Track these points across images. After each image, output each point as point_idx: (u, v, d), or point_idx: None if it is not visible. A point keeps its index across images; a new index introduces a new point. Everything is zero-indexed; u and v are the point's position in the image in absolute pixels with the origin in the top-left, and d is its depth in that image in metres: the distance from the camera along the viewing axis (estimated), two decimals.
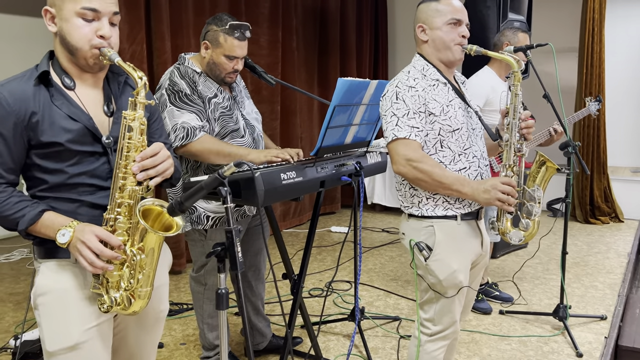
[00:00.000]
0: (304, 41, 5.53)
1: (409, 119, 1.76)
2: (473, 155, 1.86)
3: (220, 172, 1.25)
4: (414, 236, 1.86)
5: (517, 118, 1.84)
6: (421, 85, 1.81)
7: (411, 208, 1.87)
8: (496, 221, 1.88)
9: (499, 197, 1.71)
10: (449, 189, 1.75)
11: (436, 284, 1.84)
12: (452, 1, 1.84)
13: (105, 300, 1.37)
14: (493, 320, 3.11)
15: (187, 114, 2.11)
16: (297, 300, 2.39)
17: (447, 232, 1.82)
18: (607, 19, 5.29)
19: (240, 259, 1.19)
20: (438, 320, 1.88)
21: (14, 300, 3.51)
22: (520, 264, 4.03)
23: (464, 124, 1.84)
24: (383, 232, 5.23)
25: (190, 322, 3.13)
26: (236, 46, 2.18)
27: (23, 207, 1.33)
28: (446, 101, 1.83)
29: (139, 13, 3.66)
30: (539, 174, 1.89)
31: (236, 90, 2.36)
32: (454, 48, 1.83)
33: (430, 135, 1.81)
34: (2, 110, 1.31)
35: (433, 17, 1.83)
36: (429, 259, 1.82)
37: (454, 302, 1.86)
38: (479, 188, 1.73)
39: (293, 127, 5.40)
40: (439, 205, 1.82)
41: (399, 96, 1.79)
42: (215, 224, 2.25)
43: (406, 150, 1.75)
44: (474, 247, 1.90)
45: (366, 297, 3.51)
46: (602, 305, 3.30)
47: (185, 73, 2.19)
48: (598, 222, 5.35)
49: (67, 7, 1.34)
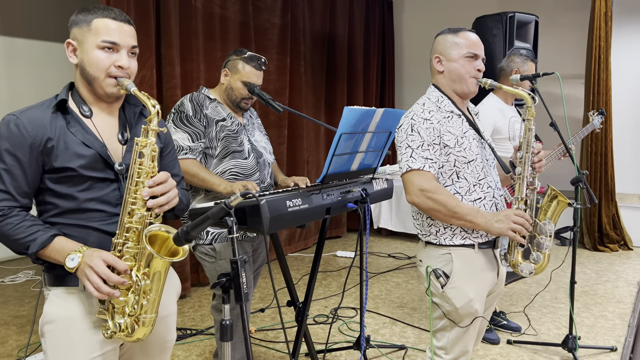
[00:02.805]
0: (312, 67, 5.59)
1: (423, 150, 1.80)
2: (488, 186, 1.87)
3: (227, 202, 1.25)
4: (431, 263, 1.87)
5: (530, 152, 1.86)
6: (436, 118, 1.84)
7: (429, 236, 1.88)
8: (507, 253, 1.88)
9: (512, 227, 1.72)
10: (462, 219, 1.77)
11: (452, 312, 1.83)
12: (469, 35, 1.88)
13: (110, 326, 1.37)
14: (501, 351, 3.05)
15: (180, 133, 2.23)
16: (301, 329, 2.36)
17: (465, 260, 1.83)
18: (614, 46, 5.32)
19: (245, 289, 1.19)
20: (450, 349, 1.87)
21: (18, 323, 3.49)
22: (528, 291, 3.97)
23: (478, 155, 1.87)
24: (389, 257, 5.19)
25: (194, 348, 3.10)
26: (253, 74, 2.34)
27: (35, 231, 1.35)
28: (460, 133, 1.85)
29: (149, 39, 3.72)
30: (550, 208, 1.89)
31: (248, 120, 2.48)
32: (469, 81, 1.87)
33: (446, 167, 1.83)
34: (19, 136, 1.35)
35: (450, 49, 1.87)
36: (445, 286, 1.82)
37: (468, 331, 1.85)
38: (492, 219, 1.76)
39: (300, 151, 5.43)
40: (457, 234, 1.83)
41: (414, 128, 1.83)
42: (215, 239, 2.27)
43: (420, 181, 1.78)
44: (491, 276, 1.89)
45: (372, 325, 3.46)
46: (611, 336, 3.23)
47: (197, 98, 2.32)
48: (607, 250, 5.29)
49: (89, 41, 1.40)
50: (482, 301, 1.86)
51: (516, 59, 3.15)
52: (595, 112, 3.58)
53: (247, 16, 4.67)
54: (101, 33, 1.40)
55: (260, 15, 4.85)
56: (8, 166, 1.35)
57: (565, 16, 5.91)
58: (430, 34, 6.61)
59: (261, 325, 3.45)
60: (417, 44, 6.92)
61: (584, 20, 5.51)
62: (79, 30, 1.42)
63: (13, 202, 1.36)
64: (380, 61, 6.66)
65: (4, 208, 1.34)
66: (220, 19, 4.42)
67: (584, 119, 5.39)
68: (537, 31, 4.69)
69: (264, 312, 3.68)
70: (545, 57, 5.65)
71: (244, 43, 4.62)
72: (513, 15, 4.47)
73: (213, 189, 2.17)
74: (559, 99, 5.69)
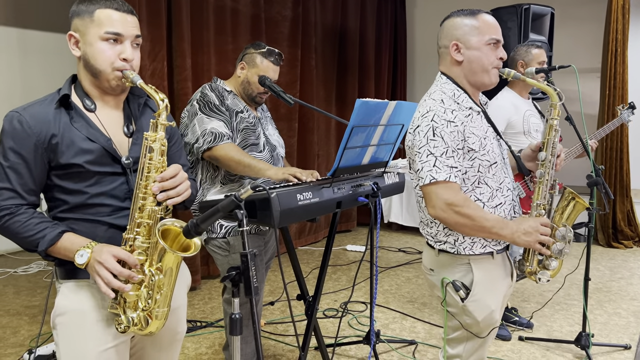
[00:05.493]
0: (323, 60, 5.56)
1: (447, 158, 1.59)
2: (507, 189, 1.73)
3: (237, 194, 1.24)
4: (447, 274, 1.71)
5: (554, 155, 1.72)
6: (459, 119, 1.62)
7: (443, 244, 1.71)
8: (524, 261, 1.77)
9: (540, 239, 1.62)
10: (488, 232, 1.61)
11: (472, 325, 1.70)
12: (488, 18, 1.64)
13: (123, 320, 1.36)
14: (512, 347, 3.02)
15: (215, 121, 2.21)
16: (311, 322, 2.35)
17: (485, 269, 1.70)
18: (631, 39, 5.22)
19: (255, 283, 1.17)
20: (466, 358, 1.77)
21: (30, 313, 3.53)
22: (539, 287, 3.93)
23: (499, 156, 1.70)
24: (399, 251, 5.17)
25: (204, 341, 3.11)
26: (270, 68, 2.34)
27: (43, 228, 1.34)
28: (483, 133, 1.67)
29: (160, 31, 3.71)
30: (566, 210, 1.78)
31: (262, 114, 2.48)
32: (492, 72, 1.66)
33: (470, 173, 1.64)
34: (23, 133, 1.33)
35: (470, 34, 1.63)
36: (467, 300, 1.68)
37: (486, 341, 1.76)
38: (518, 230, 1.62)
39: (310, 145, 5.41)
40: (476, 242, 1.68)
41: (436, 132, 1.59)
42: (228, 232, 2.25)
43: (447, 195, 1.58)
44: (507, 281, 1.80)
45: (382, 319, 3.45)
46: (625, 334, 3.19)
47: (216, 88, 2.33)
48: (621, 246, 5.22)
49: (91, 32, 1.37)
50: (501, 310, 1.77)
51: (519, 50, 3.05)
52: (625, 106, 3.48)
53: (258, 8, 4.64)
54: (104, 24, 1.35)
55: (272, 7, 4.82)
56: (13, 164, 1.33)
57: (582, 8, 5.80)
58: None
59: (271, 319, 3.45)
60: (429, 37, 6.84)
61: (600, 12, 5.41)
62: (81, 21, 1.38)
63: (20, 199, 1.35)
64: (392, 54, 6.60)
65: (11, 206, 1.34)
66: (232, 12, 4.40)
67: (599, 115, 5.30)
68: (553, 24, 4.61)
69: (274, 305, 3.68)
70: (560, 50, 5.55)
71: (255, 35, 4.60)
72: (528, 7, 4.39)
73: (260, 175, 2.13)
74: (573, 94, 5.60)
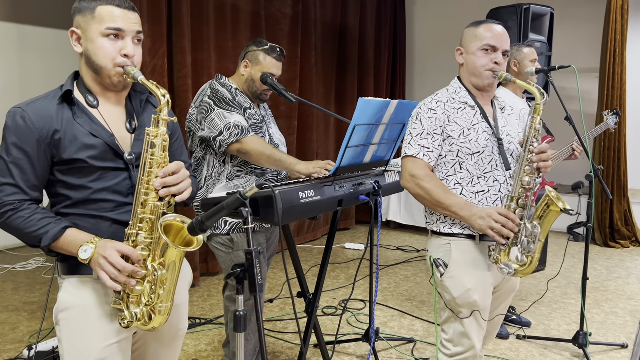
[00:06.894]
0: (323, 57, 5.56)
1: (421, 139, 1.85)
2: (494, 180, 1.85)
3: (242, 192, 1.24)
4: (434, 253, 1.91)
5: (527, 151, 1.79)
6: (442, 109, 1.87)
7: (432, 225, 1.93)
8: (493, 250, 1.83)
9: (491, 225, 1.72)
10: (447, 210, 1.80)
11: (450, 302, 1.87)
12: (492, 27, 1.89)
13: (126, 315, 1.37)
14: (510, 346, 3.04)
15: (237, 115, 2.21)
16: (311, 320, 2.36)
17: (463, 250, 1.85)
18: (629, 40, 5.24)
19: (259, 280, 1.18)
20: (457, 342, 1.88)
21: (29, 309, 3.53)
22: (538, 286, 3.95)
23: (486, 148, 1.86)
24: (398, 250, 5.18)
25: (203, 338, 3.12)
26: (274, 65, 2.36)
27: (46, 223, 1.34)
28: (469, 124, 1.86)
29: (161, 28, 3.71)
30: (544, 213, 1.78)
31: (265, 112, 2.49)
32: (485, 74, 1.87)
33: (449, 157, 1.86)
34: (26, 129, 1.33)
35: (470, 41, 1.90)
36: (444, 276, 1.86)
37: (471, 324, 1.86)
38: (476, 214, 1.75)
39: (309, 143, 5.41)
40: (456, 223, 1.85)
41: (418, 117, 1.89)
42: (233, 229, 2.25)
43: (412, 167, 1.84)
44: (495, 270, 1.86)
45: (380, 317, 3.46)
46: (622, 333, 3.21)
47: (224, 84, 2.33)
48: (618, 246, 5.25)
49: (93, 29, 1.37)
50: (483, 293, 1.85)
51: (511, 50, 3.07)
52: (610, 112, 3.51)
53: (258, 6, 4.64)
54: (105, 20, 1.36)
55: (272, 5, 4.82)
56: (16, 160, 1.34)
57: (581, 9, 5.82)
58: (442, 26, 6.55)
59: (270, 316, 3.46)
60: (429, 35, 6.85)
61: (599, 13, 5.43)
62: (83, 18, 1.38)
63: (23, 195, 1.35)
64: (391, 52, 6.60)
65: (14, 202, 1.34)
66: (232, 9, 4.40)
67: (597, 115, 5.32)
68: (552, 24, 4.62)
69: (273, 302, 3.69)
70: (559, 50, 5.57)
71: (255, 33, 4.60)
72: (528, 7, 4.40)
73: (290, 169, 2.13)
74: (572, 94, 5.62)
